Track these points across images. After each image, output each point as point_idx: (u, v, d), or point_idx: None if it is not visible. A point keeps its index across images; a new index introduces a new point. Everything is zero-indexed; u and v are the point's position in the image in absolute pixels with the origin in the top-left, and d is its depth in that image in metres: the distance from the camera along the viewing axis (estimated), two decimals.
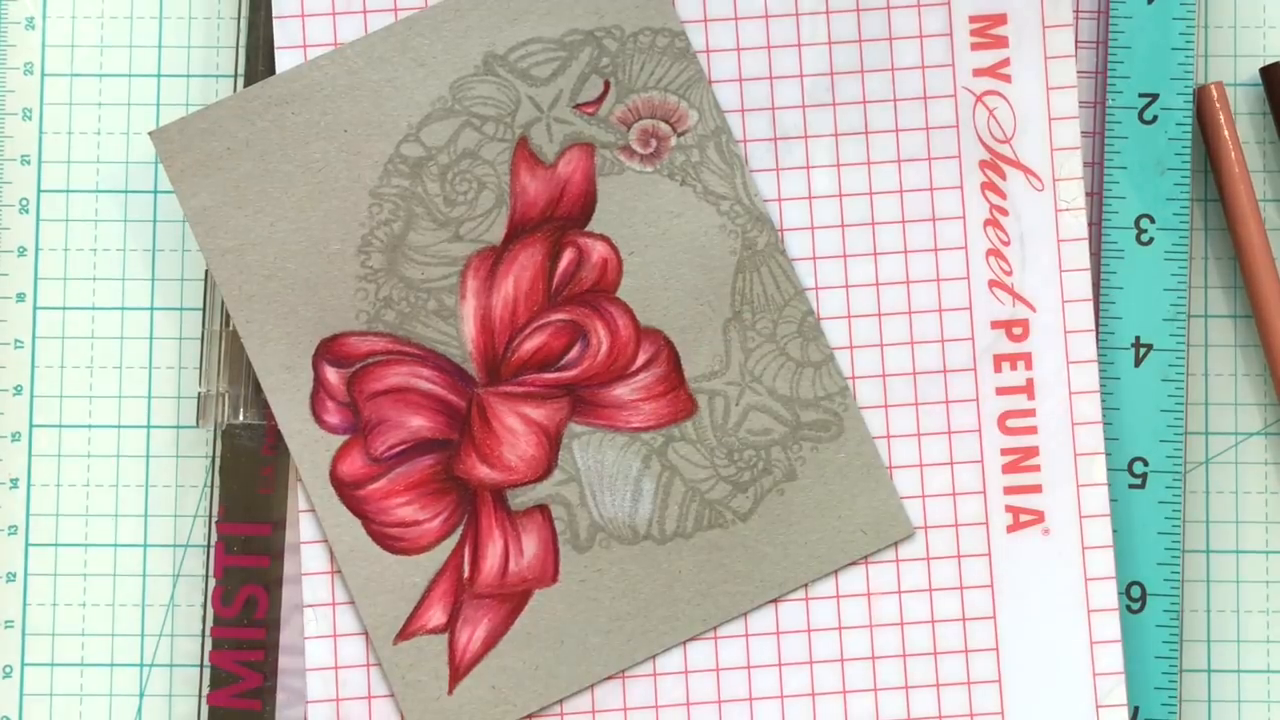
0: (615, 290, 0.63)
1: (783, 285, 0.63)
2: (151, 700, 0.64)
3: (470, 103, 0.62)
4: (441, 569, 0.62)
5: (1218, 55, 0.65)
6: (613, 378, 0.62)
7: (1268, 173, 0.65)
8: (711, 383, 0.62)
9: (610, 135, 0.63)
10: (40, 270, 0.65)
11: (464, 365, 0.62)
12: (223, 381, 0.63)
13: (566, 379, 0.62)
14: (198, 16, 0.65)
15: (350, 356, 0.62)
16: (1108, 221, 0.63)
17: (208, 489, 0.64)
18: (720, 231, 0.63)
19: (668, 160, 0.63)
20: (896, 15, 0.63)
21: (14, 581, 0.64)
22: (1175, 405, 0.63)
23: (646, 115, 0.63)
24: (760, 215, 0.62)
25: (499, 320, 0.62)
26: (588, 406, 0.62)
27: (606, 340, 0.62)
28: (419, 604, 0.62)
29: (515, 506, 0.62)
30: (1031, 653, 0.62)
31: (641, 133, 0.63)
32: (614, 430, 0.62)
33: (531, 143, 0.63)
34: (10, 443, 0.64)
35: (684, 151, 0.63)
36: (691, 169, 0.63)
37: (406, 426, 0.62)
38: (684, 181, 0.63)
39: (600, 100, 0.63)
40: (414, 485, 0.62)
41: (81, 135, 0.65)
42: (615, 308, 0.63)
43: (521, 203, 0.62)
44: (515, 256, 0.62)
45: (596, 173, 0.63)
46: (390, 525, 0.62)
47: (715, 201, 0.63)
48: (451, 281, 0.62)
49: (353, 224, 0.62)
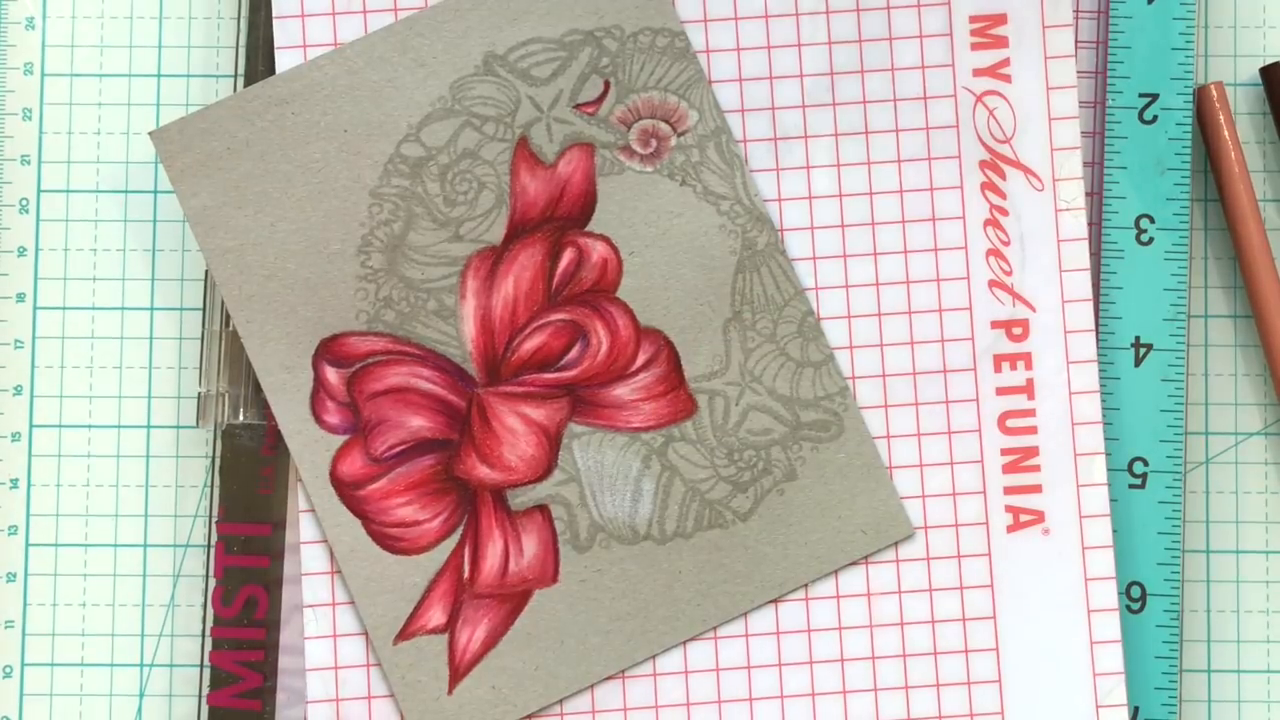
0: (615, 290, 0.63)
1: (783, 285, 0.63)
2: (151, 700, 0.64)
3: (470, 103, 0.62)
4: (441, 569, 0.62)
5: (1218, 55, 0.65)
6: (613, 378, 0.62)
7: (1268, 173, 0.65)
8: (711, 383, 0.62)
9: (610, 135, 0.63)
10: (40, 270, 0.65)
11: (464, 365, 0.62)
12: (223, 381, 0.63)
13: (566, 379, 0.62)
14: (198, 16, 0.65)
15: (350, 356, 0.62)
16: (1108, 221, 0.63)
17: (208, 489, 0.64)
18: (720, 231, 0.63)
19: (668, 160, 0.63)
20: (896, 15, 0.63)
21: (14, 581, 0.64)
22: (1175, 405, 0.63)
23: (646, 115, 0.63)
24: (760, 215, 0.62)
25: (499, 320, 0.62)
26: (588, 406, 0.62)
27: (606, 340, 0.62)
28: (419, 604, 0.62)
29: (515, 506, 0.62)
30: (1031, 653, 0.62)
31: (641, 133, 0.63)
32: (614, 430, 0.62)
33: (532, 143, 0.63)
34: (10, 443, 0.64)
35: (684, 151, 0.63)
36: (691, 169, 0.63)
37: (406, 426, 0.62)
38: (684, 181, 0.63)
39: (600, 100, 0.63)
40: (414, 485, 0.62)
41: (81, 135, 0.65)
42: (615, 308, 0.62)
43: (521, 203, 0.62)
44: (515, 256, 0.62)
45: (596, 173, 0.63)
46: (390, 525, 0.62)
47: (715, 201, 0.63)
48: (451, 281, 0.62)
49: (353, 224, 0.62)
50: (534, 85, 0.63)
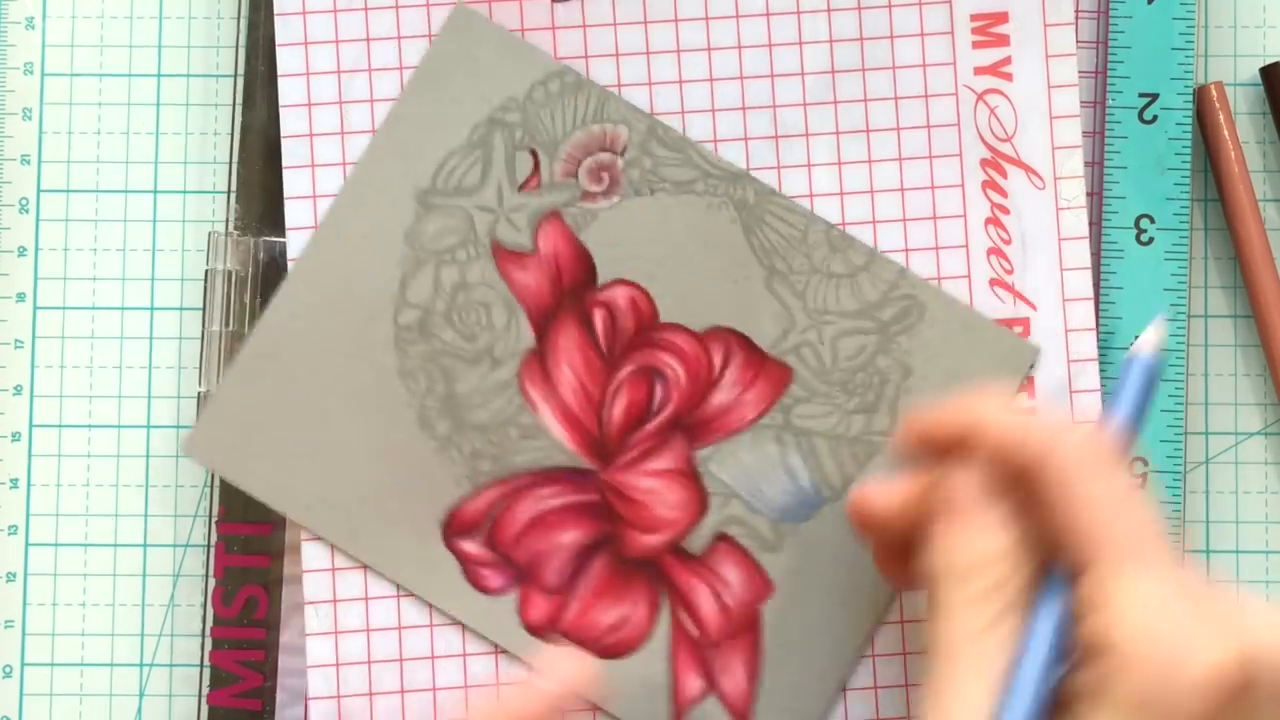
0: (658, 318, 0.62)
1: (792, 220, 0.62)
2: (151, 700, 0.64)
3: (429, 242, 0.62)
4: (673, 644, 0.62)
5: (1218, 55, 0.65)
6: (704, 392, 0.62)
7: (1268, 173, 0.65)
8: (788, 340, 0.62)
9: (566, 193, 0.63)
10: (40, 270, 0.65)
11: (576, 464, 0.62)
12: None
13: (667, 419, 0.62)
14: (198, 16, 0.65)
15: (475, 522, 0.62)
16: (1108, 221, 0.63)
17: (208, 489, 0.64)
18: (710, 209, 0.63)
19: (626, 182, 0.63)
20: (898, 13, 0.63)
21: (14, 581, 0.64)
22: (1175, 405, 0.63)
23: (584, 155, 0.62)
24: (734, 174, 0.62)
25: (578, 408, 0.62)
26: (700, 428, 0.62)
27: (679, 365, 0.62)
28: (673, 685, 0.61)
29: (697, 551, 0.62)
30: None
31: (589, 173, 0.63)
32: (735, 433, 0.62)
33: (504, 243, 0.62)
34: (10, 443, 0.64)
35: (634, 165, 0.63)
36: (651, 175, 0.63)
37: (562, 546, 0.62)
38: (652, 190, 0.63)
39: (537, 171, 0.63)
40: (601, 591, 0.62)
41: (81, 135, 0.65)
42: (667, 333, 0.62)
43: (529, 297, 0.62)
44: (555, 346, 0.62)
45: (575, 232, 0.63)
46: (604, 635, 0.62)
47: (688, 188, 0.63)
48: (517, 403, 0.62)
49: (401, 409, 0.62)
50: (472, 195, 0.62)
